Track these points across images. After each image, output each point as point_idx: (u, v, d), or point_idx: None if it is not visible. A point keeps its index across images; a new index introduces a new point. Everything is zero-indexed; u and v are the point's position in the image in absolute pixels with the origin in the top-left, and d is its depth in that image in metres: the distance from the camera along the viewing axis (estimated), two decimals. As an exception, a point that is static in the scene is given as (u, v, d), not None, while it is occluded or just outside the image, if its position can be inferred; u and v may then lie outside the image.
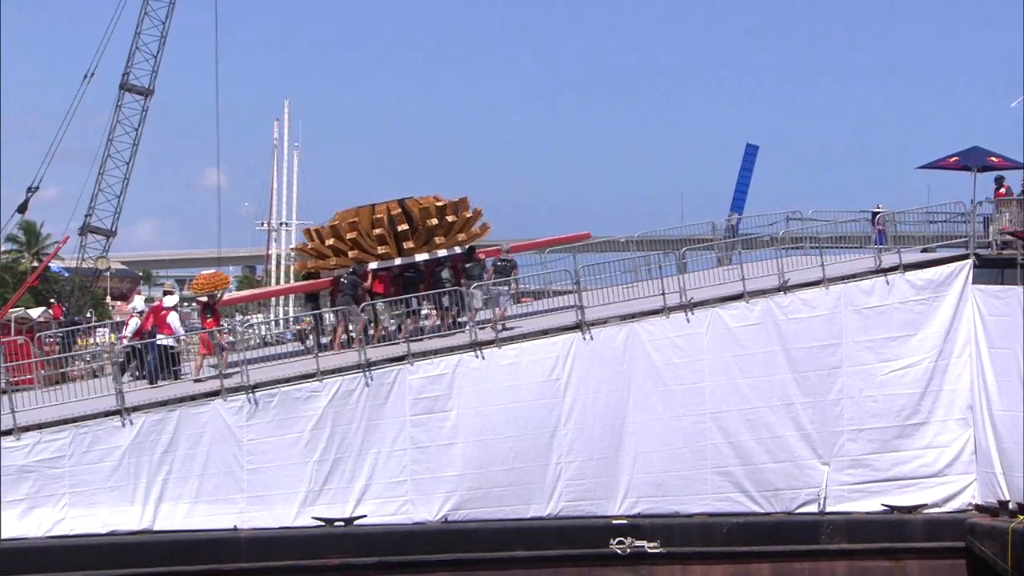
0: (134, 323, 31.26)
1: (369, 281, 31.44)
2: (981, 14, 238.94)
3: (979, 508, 29.39)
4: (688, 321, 29.69)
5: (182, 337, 30.49)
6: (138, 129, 62.39)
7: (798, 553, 29.12)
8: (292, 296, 64.66)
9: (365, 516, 28.00)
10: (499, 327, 29.93)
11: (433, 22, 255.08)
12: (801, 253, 32.50)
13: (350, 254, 32.04)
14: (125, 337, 31.04)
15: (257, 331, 36.12)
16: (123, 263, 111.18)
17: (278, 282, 77.51)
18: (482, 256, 32.54)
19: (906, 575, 29.21)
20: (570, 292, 31.26)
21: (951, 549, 29.06)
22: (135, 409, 27.39)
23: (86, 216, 64.07)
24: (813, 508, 29.38)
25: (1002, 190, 32.75)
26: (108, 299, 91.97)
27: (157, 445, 27.28)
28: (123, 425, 27.22)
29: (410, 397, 28.51)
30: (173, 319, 29.77)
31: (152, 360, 29.49)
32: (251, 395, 27.83)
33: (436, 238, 32.43)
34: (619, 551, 28.60)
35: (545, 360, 29.11)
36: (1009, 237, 30.07)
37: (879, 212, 33.78)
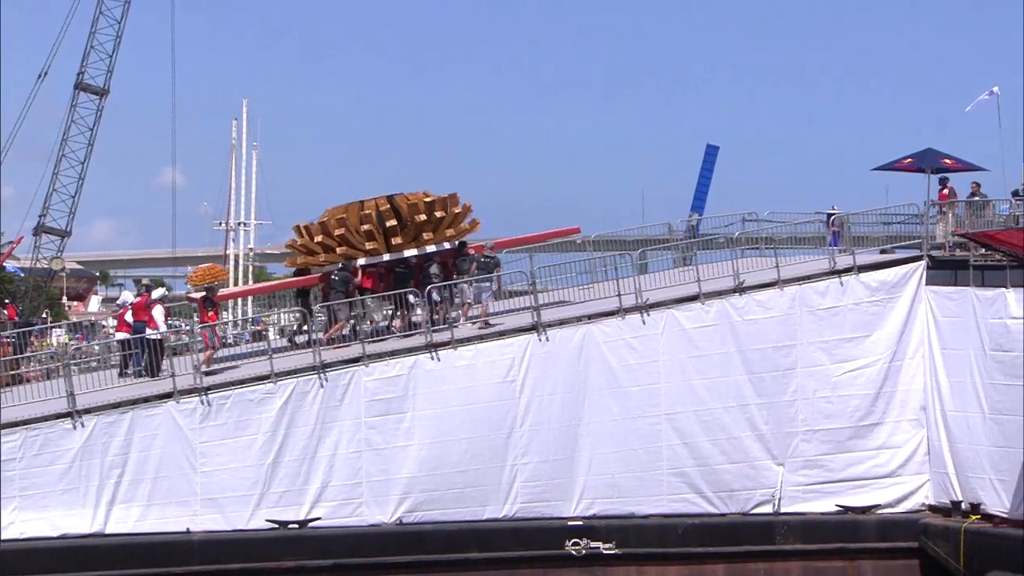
0: (128, 316, 31.30)
1: (359, 277, 31.49)
2: (943, 17, 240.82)
3: (932, 508, 29.60)
4: (644, 322, 29.80)
5: (163, 333, 30.30)
6: (93, 129, 62.08)
7: (753, 554, 29.30)
8: (250, 297, 64.57)
9: (320, 518, 28.01)
10: (477, 324, 30.10)
11: (394, 19, 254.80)
12: (757, 254, 32.70)
13: (338, 250, 32.06)
14: (108, 331, 30.97)
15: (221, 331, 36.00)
16: (79, 263, 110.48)
17: (235, 282, 77.17)
18: (472, 251, 32.59)
19: (860, 575, 29.37)
20: (527, 293, 31.32)
21: (904, 549, 29.27)
22: (87, 411, 27.31)
23: (40, 216, 63.74)
24: (768, 509, 29.54)
25: (945, 191, 33.01)
26: (64, 299, 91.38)
27: (109, 448, 27.25)
28: (74, 427, 27.13)
29: (365, 399, 28.54)
30: (157, 313, 29.62)
31: (137, 353, 29.38)
32: (204, 397, 27.77)
33: (425, 234, 32.47)
34: (574, 552, 28.71)
35: (501, 362, 29.20)
36: (960, 239, 30.24)
37: (834, 214, 33.99)
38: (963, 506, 28.99)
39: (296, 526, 27.89)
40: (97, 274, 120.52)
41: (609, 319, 29.87)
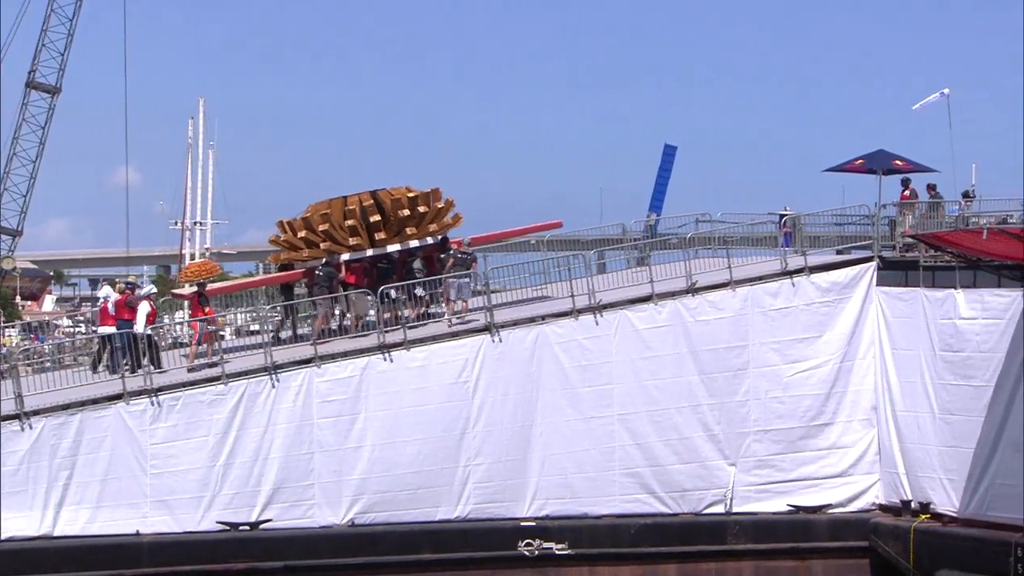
0: (111, 310, 31.26)
1: (342, 272, 31.54)
2: (896, 16, 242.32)
3: (882, 508, 29.87)
4: (597, 323, 29.91)
5: (140, 332, 29.90)
6: (45, 127, 61.74)
7: (705, 554, 29.48)
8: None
9: (271, 520, 27.99)
10: (456, 319, 30.31)
11: (351, 16, 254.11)
12: (710, 255, 32.87)
13: (322, 246, 32.07)
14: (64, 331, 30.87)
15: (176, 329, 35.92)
16: (33, 262, 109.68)
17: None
18: (455, 246, 32.66)
19: (811, 575, 29.61)
20: (480, 294, 31.38)
21: (855, 549, 29.54)
22: (35, 413, 27.16)
23: (-9, 216, 63.27)
24: (720, 509, 29.73)
25: (907, 192, 33.33)
26: (18, 299, 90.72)
27: (58, 449, 27.14)
28: (22, 429, 26.96)
29: (317, 400, 28.53)
30: (142, 310, 29.57)
31: (119, 350, 29.27)
32: (154, 399, 27.69)
33: (408, 229, 32.52)
34: (527, 553, 28.82)
35: (454, 363, 29.25)
36: (911, 240, 30.52)
37: (786, 215, 34.20)
38: (913, 505, 29.27)
39: (247, 528, 27.86)
40: (51, 273, 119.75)
41: (562, 320, 29.95)
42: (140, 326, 29.30)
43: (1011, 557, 26.72)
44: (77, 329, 60.46)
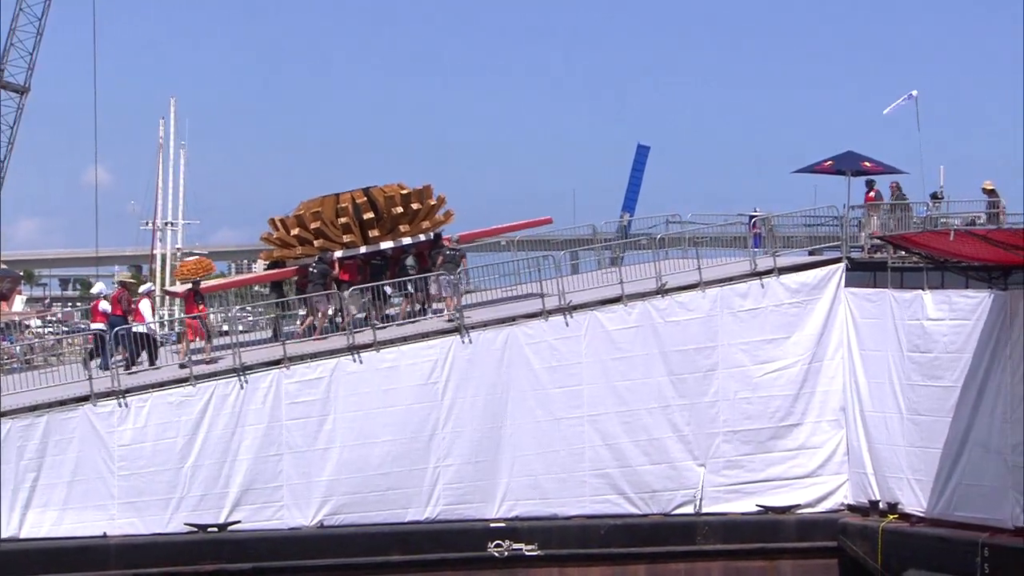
0: (105, 306, 31.42)
1: (336, 269, 31.63)
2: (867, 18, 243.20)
3: (851, 508, 29.99)
4: (567, 324, 29.98)
5: (151, 325, 30.49)
6: (14, 127, 61.42)
7: (674, 554, 29.54)
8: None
9: (239, 521, 27.98)
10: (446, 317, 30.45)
11: (319, 17, 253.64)
12: (680, 256, 32.97)
13: (315, 243, 32.11)
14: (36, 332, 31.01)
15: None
16: (2, 262, 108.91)
17: (164, 283, 76.45)
18: (444, 243, 32.77)
19: (780, 575, 29.76)
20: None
21: (824, 549, 29.63)
22: (3, 415, 27.08)
23: (-41, 216, 62.92)
24: (689, 509, 29.82)
25: (871, 193, 33.50)
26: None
27: (24, 451, 27.08)
28: (-11, 431, 26.87)
29: (286, 401, 28.54)
30: (144, 307, 29.82)
31: (109, 346, 29.39)
32: (122, 400, 27.65)
33: (401, 226, 32.61)
34: (497, 554, 28.88)
35: (423, 363, 29.28)
36: (879, 241, 30.69)
37: (756, 216, 34.35)
38: (881, 505, 29.42)
39: (216, 529, 27.84)
40: (21, 273, 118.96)
41: (532, 321, 30.02)
42: (148, 318, 29.87)
43: (978, 557, 26.91)
44: (48, 329, 60.25)
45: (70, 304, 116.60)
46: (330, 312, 30.89)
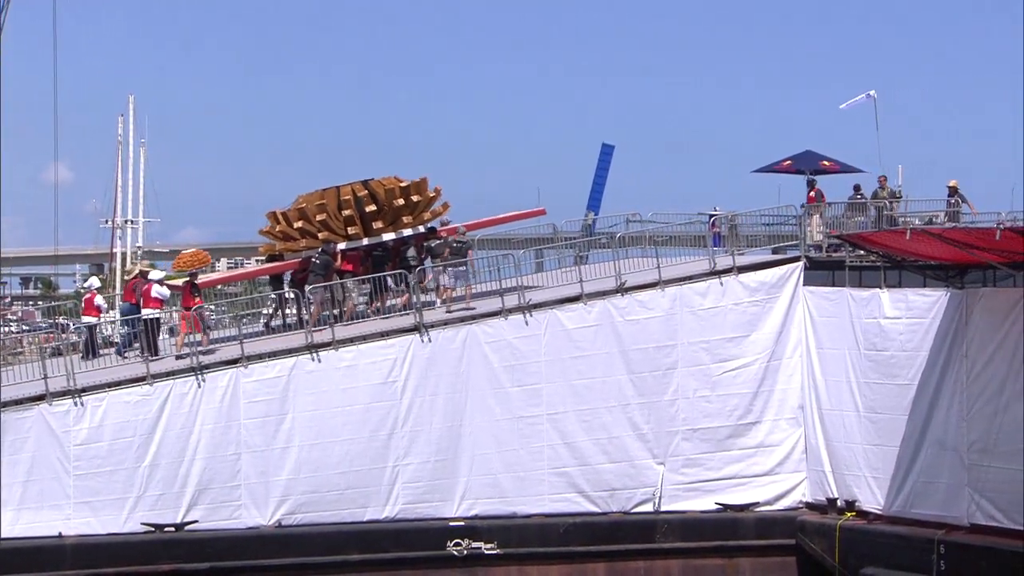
0: (100, 300, 32.16)
1: (338, 261, 31.90)
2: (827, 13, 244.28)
3: (809, 506, 30.31)
4: (526, 323, 30.14)
5: (167, 298, 30.78)
6: (-28, 123, 60.85)
7: (634, 552, 29.75)
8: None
9: (197, 521, 28.02)
10: (456, 308, 30.71)
11: (287, 12, 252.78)
12: (640, 255, 33.13)
13: (320, 235, 32.36)
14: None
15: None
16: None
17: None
18: (444, 235, 33.00)
19: (739, 573, 30.03)
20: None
21: (782, 547, 29.89)
22: (-43, 414, 27.02)
23: (-84, 213, 62.50)
24: (649, 508, 30.03)
25: (812, 193, 33.75)
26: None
27: (-22, 451, 26.96)
28: (-57, 431, 26.81)
29: (244, 400, 28.62)
30: (157, 288, 30.19)
31: (126, 334, 30.02)
32: (78, 399, 27.64)
33: (403, 218, 33.02)
34: (456, 553, 29.02)
35: (383, 362, 29.41)
36: (836, 240, 30.94)
37: (715, 215, 34.57)
38: (839, 503, 29.73)
39: (173, 529, 27.88)
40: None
41: (492, 319, 30.17)
42: (166, 295, 30.40)
43: (934, 554, 27.25)
44: (8, 328, 59.84)
45: (31, 303, 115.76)
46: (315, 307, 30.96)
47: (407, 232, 33.15)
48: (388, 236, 32.93)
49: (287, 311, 33.76)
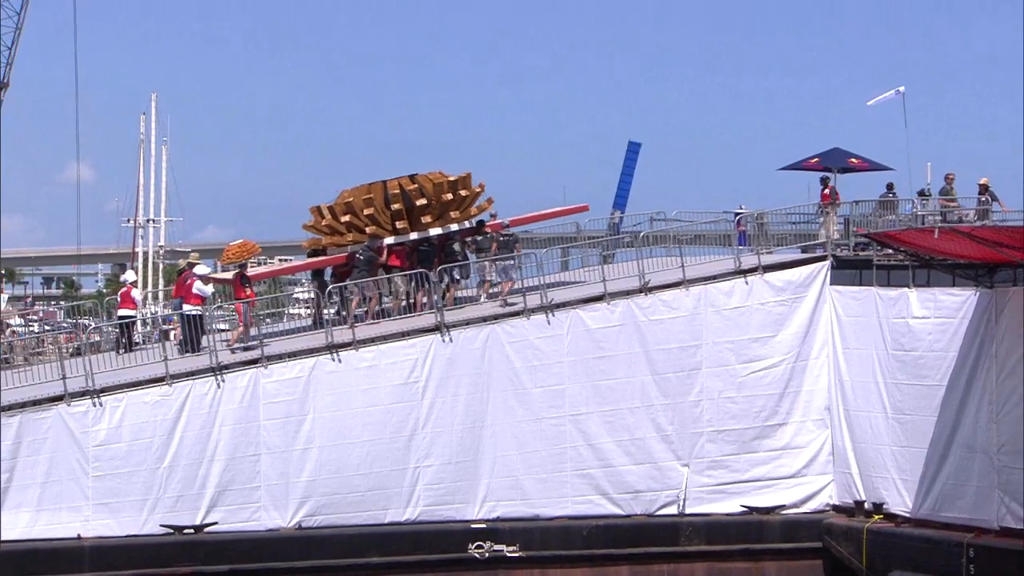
0: (136, 294, 32.89)
1: (385, 256, 32.17)
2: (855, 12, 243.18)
3: (836, 508, 30.25)
4: (549, 323, 30.20)
5: (207, 296, 31.11)
6: (-6, 122, 61.23)
7: (657, 555, 29.78)
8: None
9: (216, 523, 28.18)
10: (498, 302, 30.93)
11: (306, 12, 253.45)
12: (665, 254, 33.16)
13: (367, 230, 32.59)
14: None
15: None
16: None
17: (146, 283, 76.65)
18: (489, 230, 33.26)
19: (764, 576, 30.06)
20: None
21: (808, 550, 29.87)
22: (-26, 415, 27.28)
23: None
24: (673, 510, 30.04)
25: (826, 191, 33.66)
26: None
27: (-3, 452, 27.19)
28: (-38, 432, 27.05)
29: (264, 401, 28.76)
30: (198, 286, 30.44)
31: (184, 330, 30.28)
32: (96, 400, 27.85)
33: (451, 212, 33.29)
34: (478, 556, 29.11)
35: (403, 362, 29.50)
36: (863, 239, 30.92)
37: (741, 213, 34.54)
38: (866, 506, 29.67)
39: (192, 531, 28.03)
40: (3, 272, 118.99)
41: (514, 319, 30.25)
42: (207, 293, 30.82)
43: (963, 558, 27.18)
44: (29, 328, 60.31)
45: (53, 303, 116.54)
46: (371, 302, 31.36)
47: (454, 227, 33.36)
48: (435, 231, 33.10)
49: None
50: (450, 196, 33.34)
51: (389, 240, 32.68)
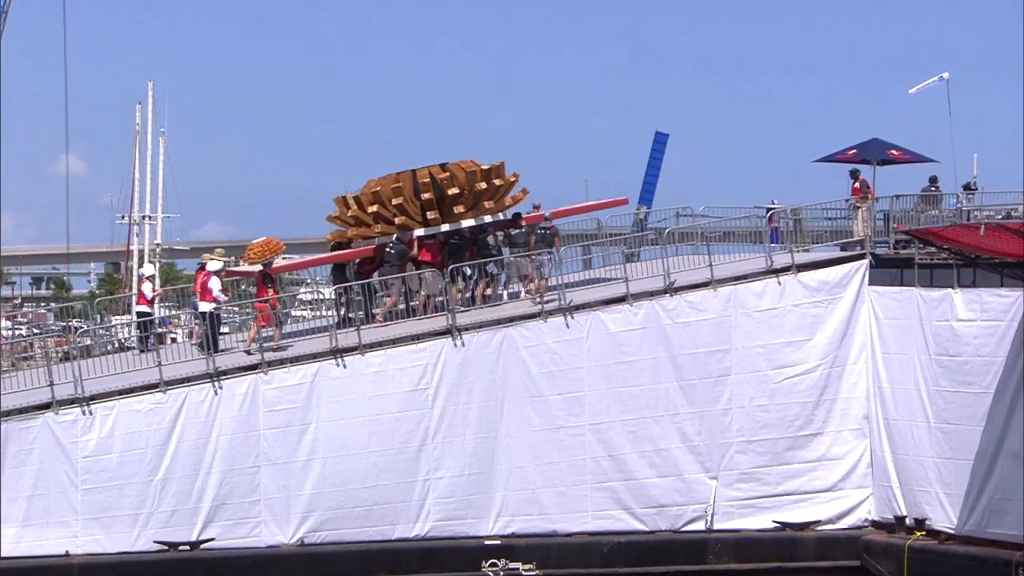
0: (147, 288, 32.64)
1: (416, 249, 31.54)
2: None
3: (875, 524, 29.78)
4: (567, 326, 29.61)
5: (222, 302, 30.72)
6: (-20, 112, 60.86)
7: (684, 574, 29.30)
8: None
9: (213, 539, 27.80)
10: (541, 298, 30.27)
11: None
12: (691, 252, 32.59)
13: (396, 221, 31.92)
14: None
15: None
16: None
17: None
18: (525, 223, 32.69)
19: (797, 596, 29.55)
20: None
21: (845, 569, 29.33)
22: (-43, 424, 26.81)
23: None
24: (700, 525, 29.58)
25: (856, 185, 33.08)
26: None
27: (-21, 463, 26.79)
28: (-58, 442, 26.65)
29: (264, 409, 28.33)
30: (213, 284, 29.93)
31: (206, 329, 29.61)
32: (86, 408, 27.43)
33: (485, 203, 32.59)
34: (492, 574, 28.66)
35: (413, 368, 29.04)
36: (904, 236, 30.35)
37: (773, 209, 33.96)
38: (908, 522, 29.16)
39: (187, 548, 27.66)
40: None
41: (530, 322, 29.72)
42: (221, 299, 30.23)
43: (1012, 577, 26.65)
44: (17, 331, 59.88)
45: (42, 304, 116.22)
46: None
47: (487, 219, 32.63)
48: (468, 222, 32.33)
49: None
50: (483, 185, 32.51)
51: (419, 232, 31.98)
